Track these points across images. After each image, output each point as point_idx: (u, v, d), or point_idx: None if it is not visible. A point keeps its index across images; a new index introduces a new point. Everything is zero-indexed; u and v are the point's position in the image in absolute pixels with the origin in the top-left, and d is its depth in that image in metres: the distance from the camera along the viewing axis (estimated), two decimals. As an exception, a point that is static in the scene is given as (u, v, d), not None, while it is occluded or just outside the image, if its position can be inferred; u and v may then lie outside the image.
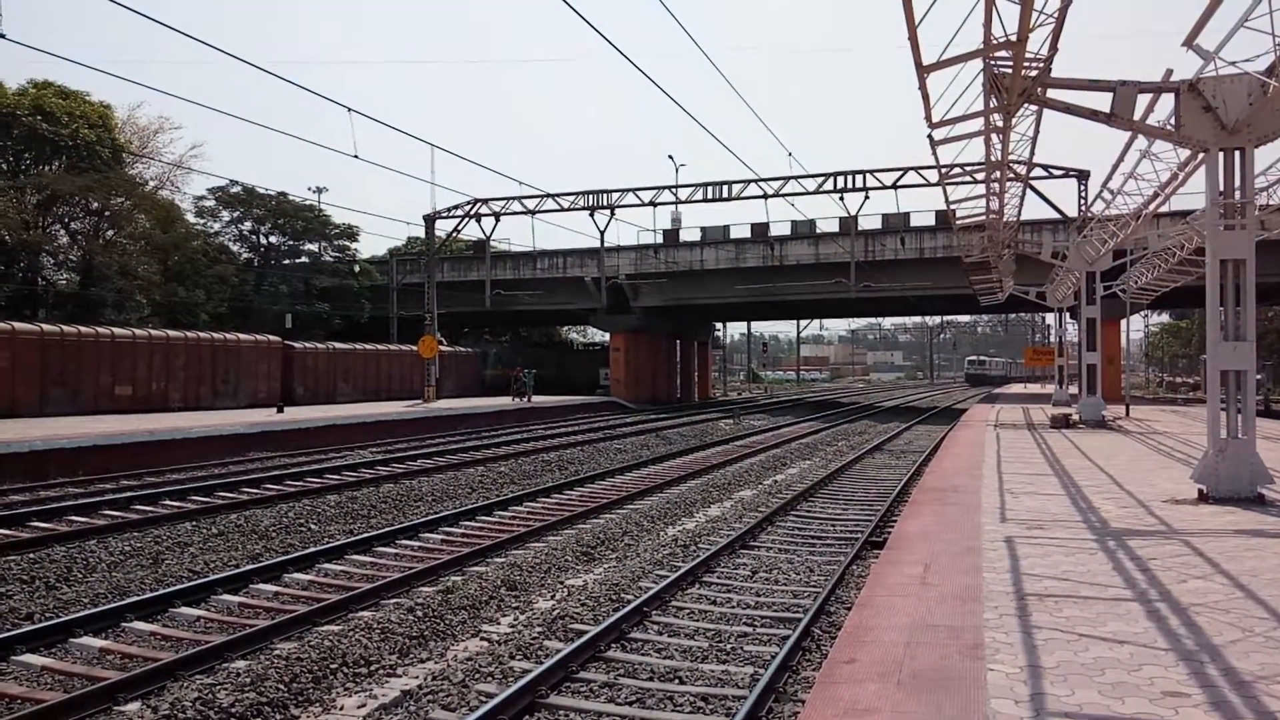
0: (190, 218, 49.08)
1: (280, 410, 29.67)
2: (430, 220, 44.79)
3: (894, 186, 39.59)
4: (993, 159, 15.68)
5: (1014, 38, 9.59)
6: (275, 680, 6.54)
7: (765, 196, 41.34)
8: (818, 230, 45.08)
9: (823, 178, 40.50)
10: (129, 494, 15.08)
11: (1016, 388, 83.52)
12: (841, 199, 41.02)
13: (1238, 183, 11.13)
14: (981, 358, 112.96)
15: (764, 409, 48.15)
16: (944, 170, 19.10)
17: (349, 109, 20.27)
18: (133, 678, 6.58)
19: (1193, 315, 69.75)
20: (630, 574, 10.00)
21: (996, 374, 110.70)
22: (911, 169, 38.94)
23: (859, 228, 43.00)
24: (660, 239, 49.00)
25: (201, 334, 32.56)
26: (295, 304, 47.64)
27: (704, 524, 13.36)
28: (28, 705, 6.20)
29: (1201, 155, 11.76)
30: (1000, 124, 13.20)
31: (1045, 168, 37.47)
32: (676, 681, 6.81)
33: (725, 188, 42.15)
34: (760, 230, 46.16)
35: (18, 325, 26.24)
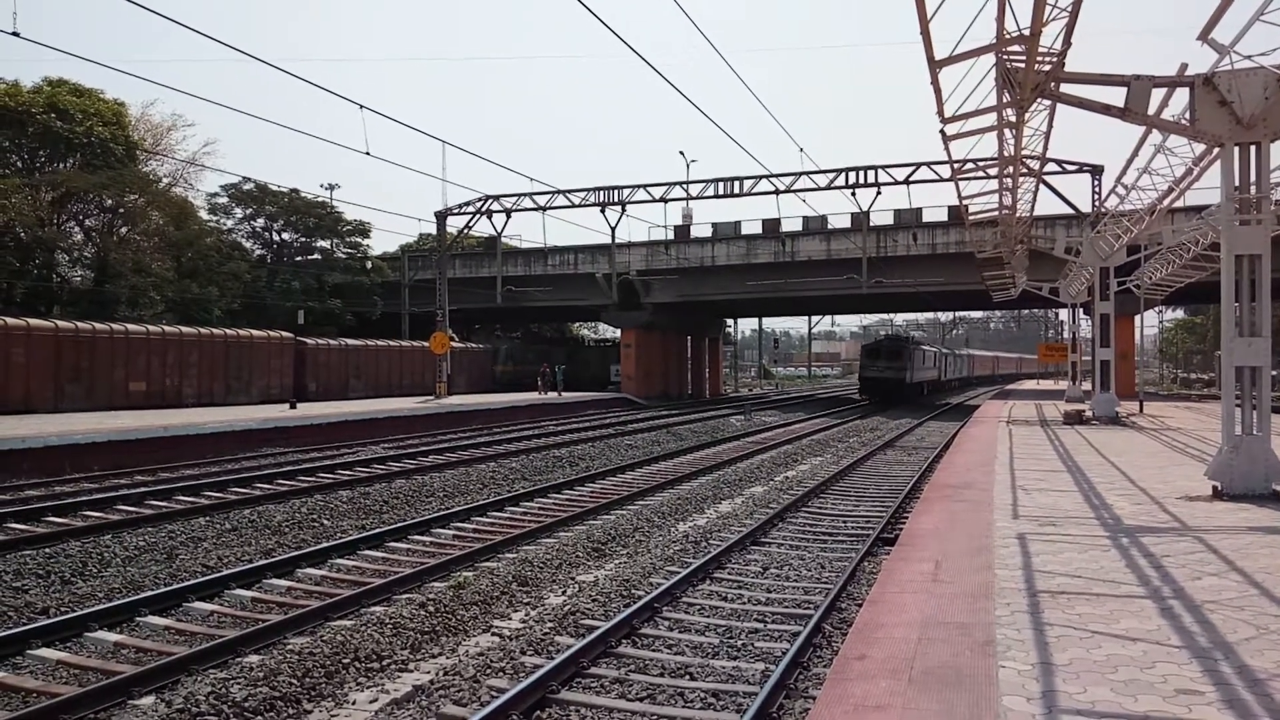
0: (203, 215, 49.39)
1: (293, 406, 29.80)
2: (442, 217, 44.87)
3: (906, 182, 39.42)
4: (1005, 154, 15.61)
5: (1027, 32, 9.54)
6: (288, 675, 6.57)
7: (777, 192, 41.26)
8: (829, 226, 44.96)
9: (834, 173, 40.38)
10: (143, 489, 15.18)
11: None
12: (853, 195, 40.90)
13: (1253, 177, 11.05)
14: (894, 342, 51.92)
15: (775, 405, 48.08)
16: (956, 165, 19.04)
17: (361, 106, 20.34)
18: (147, 672, 6.63)
19: (1207, 311, 69.32)
20: (641, 570, 10.01)
21: (926, 374, 56.61)
22: (924, 164, 38.77)
23: (871, 223, 42.86)
24: (671, 235, 48.95)
25: (215, 330, 32.72)
26: (307, 300, 47.81)
27: (715, 520, 13.35)
28: (43, 699, 6.25)
29: (1217, 150, 11.68)
30: (1013, 119, 13.13)
31: (1059, 163, 37.29)
32: (687, 677, 6.81)
33: (736, 183, 42.06)
34: (772, 226, 46.05)
35: (33, 322, 26.42)
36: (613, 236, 46.06)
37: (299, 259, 54.11)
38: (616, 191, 44.06)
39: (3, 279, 35.22)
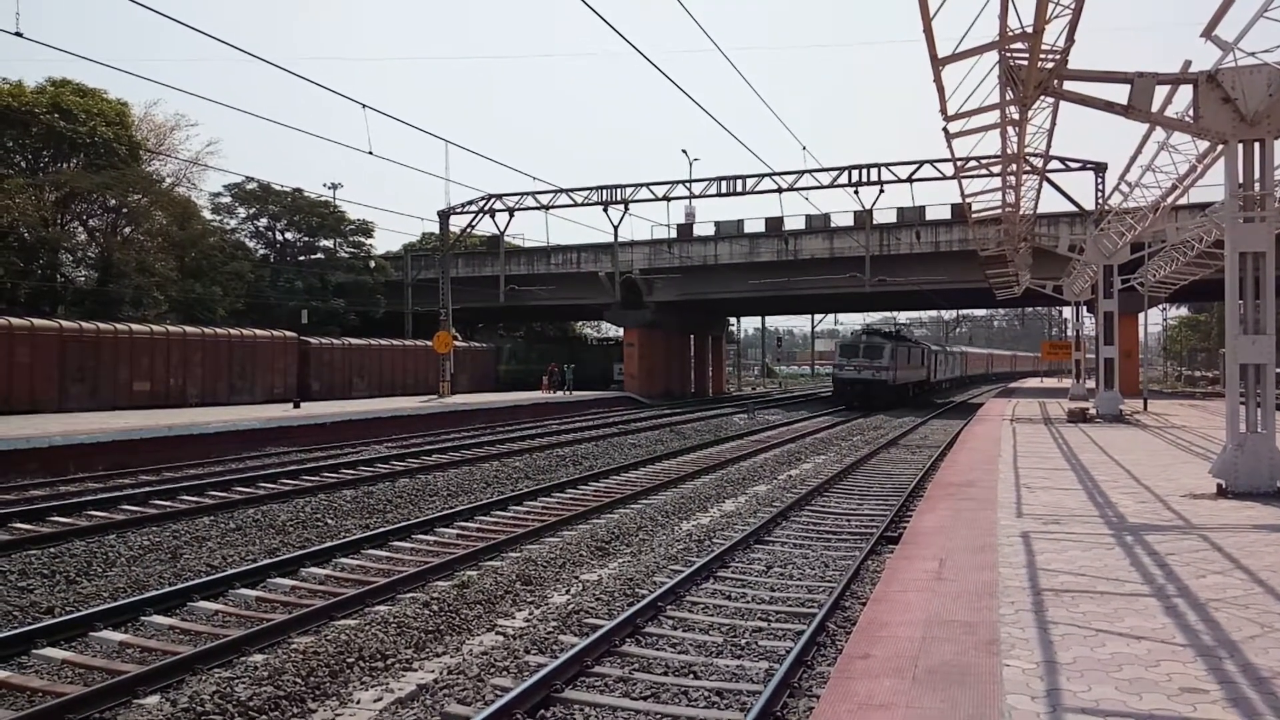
0: (207, 214, 49.49)
1: (296, 406, 29.83)
2: (445, 216, 44.95)
3: (909, 180, 39.44)
4: (1009, 151, 15.58)
5: (1030, 29, 9.53)
6: (292, 674, 6.58)
7: (779, 190, 41.29)
8: (832, 224, 44.91)
9: (837, 171, 40.38)
10: (147, 489, 15.21)
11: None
12: (856, 193, 40.91)
13: (1257, 175, 11.02)
14: (873, 338, 45.24)
15: (779, 404, 48.06)
16: (960, 163, 19.00)
17: (363, 105, 20.29)
18: (151, 671, 6.64)
19: (1211, 309, 69.19)
20: (645, 569, 10.01)
21: (913, 374, 49.03)
22: (927, 162, 38.77)
23: (874, 221, 42.81)
24: (674, 234, 48.94)
25: (218, 330, 32.77)
26: (311, 300, 47.87)
27: (718, 519, 13.36)
28: (49, 698, 6.27)
29: (1220, 147, 11.65)
30: (1016, 116, 13.12)
31: (1062, 160, 37.29)
32: (691, 676, 6.81)
33: (739, 182, 42.08)
34: (774, 224, 46.02)
35: (37, 322, 26.47)
36: (615, 235, 46.08)
37: (302, 258, 54.18)
38: (619, 190, 44.09)
39: (7, 279, 35.29)
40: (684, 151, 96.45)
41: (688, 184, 43.29)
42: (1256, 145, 10.98)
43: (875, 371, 42.36)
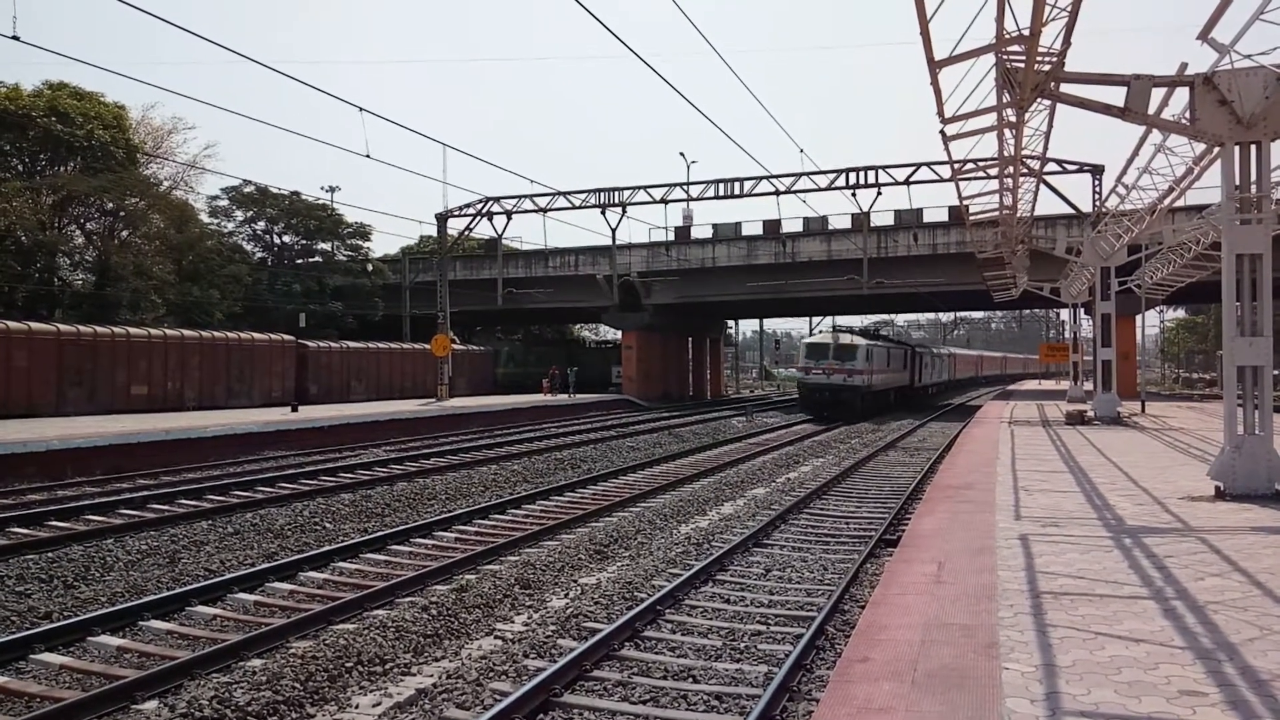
0: (204, 217, 49.45)
1: (294, 409, 29.79)
2: (442, 219, 44.88)
3: (906, 182, 39.36)
4: (1006, 154, 15.60)
5: (1027, 32, 9.54)
6: (291, 679, 6.57)
7: (777, 193, 41.20)
8: (830, 227, 44.93)
9: (835, 174, 40.33)
10: (145, 493, 15.18)
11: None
12: (854, 195, 40.82)
13: (1254, 177, 11.05)
14: (846, 336, 39.67)
15: (777, 406, 48.05)
16: (957, 166, 19.04)
17: (360, 108, 20.28)
18: (150, 676, 6.63)
19: (1209, 311, 69.28)
20: (643, 572, 10.01)
21: (892, 379, 44.06)
22: (924, 165, 38.71)
23: (871, 224, 42.81)
24: (672, 236, 48.92)
25: (216, 333, 32.73)
26: (309, 303, 47.83)
27: (717, 522, 13.35)
28: (47, 703, 6.26)
29: (1217, 149, 11.67)
30: (1013, 119, 13.13)
31: (1059, 162, 37.26)
32: (690, 680, 6.81)
33: (737, 184, 42.03)
34: (772, 227, 46.03)
35: (34, 325, 26.43)
36: (613, 238, 46.04)
37: (300, 261, 54.14)
38: (617, 193, 44.01)
39: (4, 283, 35.24)
40: (682, 154, 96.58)
41: (685, 186, 43.25)
42: (1253, 147, 11.02)
43: (847, 376, 37.27)
